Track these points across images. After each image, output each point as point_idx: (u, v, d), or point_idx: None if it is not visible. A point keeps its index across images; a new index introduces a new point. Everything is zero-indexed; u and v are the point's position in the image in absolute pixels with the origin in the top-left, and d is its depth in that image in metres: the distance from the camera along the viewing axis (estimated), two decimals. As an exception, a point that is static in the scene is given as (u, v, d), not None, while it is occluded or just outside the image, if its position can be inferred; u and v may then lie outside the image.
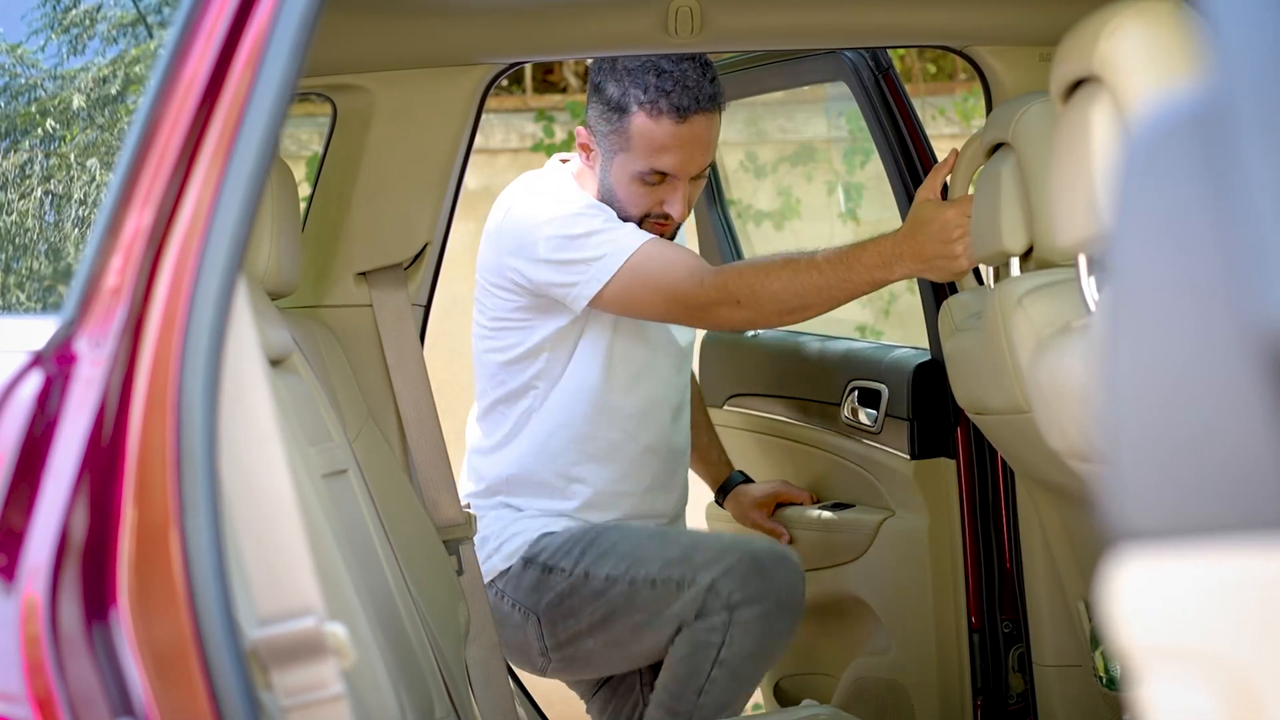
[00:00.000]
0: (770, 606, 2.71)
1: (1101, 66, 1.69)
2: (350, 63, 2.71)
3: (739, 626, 2.70)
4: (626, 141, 2.77)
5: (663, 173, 2.76)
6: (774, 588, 2.72)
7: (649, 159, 2.75)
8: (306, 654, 1.32)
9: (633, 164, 2.77)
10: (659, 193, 2.78)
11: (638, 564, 2.77)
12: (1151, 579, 0.82)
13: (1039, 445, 2.06)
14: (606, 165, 2.80)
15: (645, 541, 2.82)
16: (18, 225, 1.69)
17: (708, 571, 2.72)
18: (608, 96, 2.78)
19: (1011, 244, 2.28)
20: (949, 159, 2.59)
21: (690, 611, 2.72)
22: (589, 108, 2.83)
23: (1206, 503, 0.82)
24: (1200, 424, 0.83)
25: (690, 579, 2.72)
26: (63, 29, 1.73)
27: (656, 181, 2.77)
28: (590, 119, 2.83)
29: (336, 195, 2.81)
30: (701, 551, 2.77)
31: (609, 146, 2.79)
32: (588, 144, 2.83)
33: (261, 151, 1.37)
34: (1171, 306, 0.85)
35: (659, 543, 2.81)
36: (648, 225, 2.79)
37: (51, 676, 1.29)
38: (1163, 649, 0.82)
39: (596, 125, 2.80)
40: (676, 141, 2.76)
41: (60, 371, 1.37)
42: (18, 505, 1.33)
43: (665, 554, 2.77)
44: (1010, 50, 2.79)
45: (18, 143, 1.74)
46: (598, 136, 2.80)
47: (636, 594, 2.76)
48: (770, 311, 2.65)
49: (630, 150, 2.76)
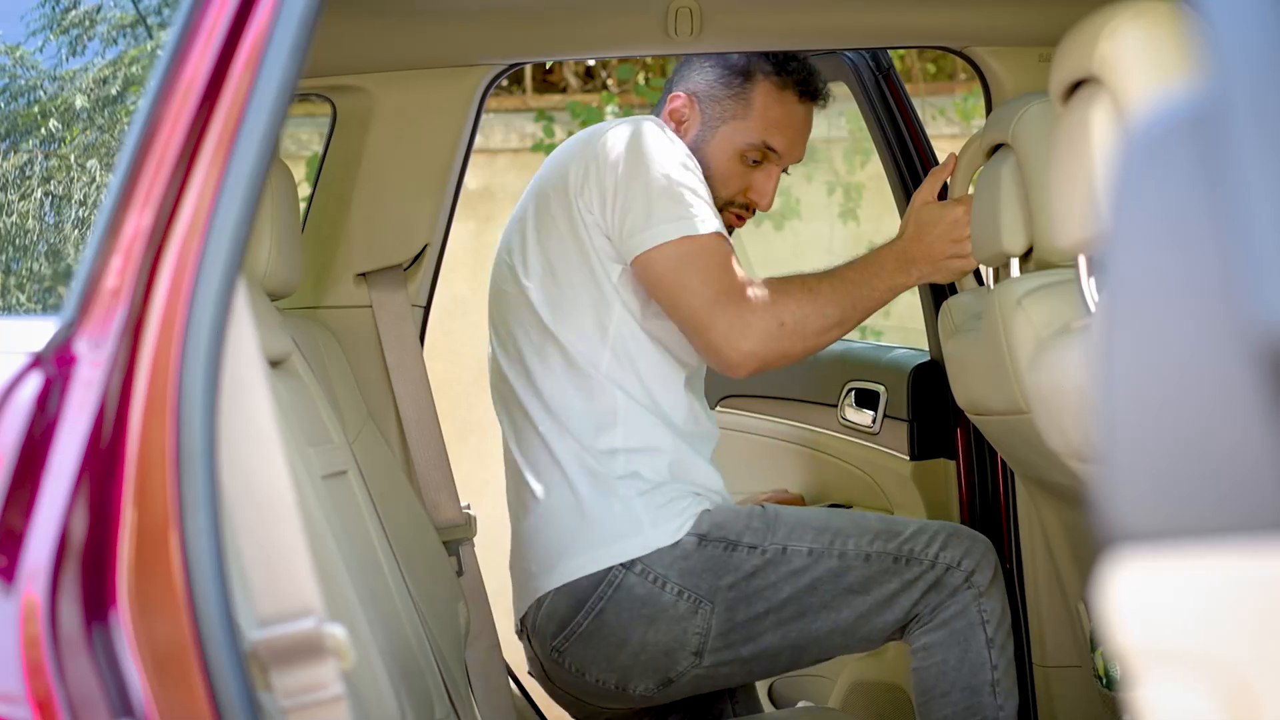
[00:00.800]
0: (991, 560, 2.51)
1: (1101, 67, 1.69)
2: (350, 64, 2.71)
3: (987, 597, 2.48)
4: (745, 108, 2.62)
5: (770, 150, 2.62)
6: (980, 541, 2.53)
7: (763, 131, 2.62)
8: (306, 655, 1.32)
9: (744, 134, 2.62)
10: (753, 176, 2.64)
11: (840, 536, 2.49)
12: (1149, 581, 0.82)
13: (1038, 446, 2.06)
14: (708, 133, 2.62)
15: (830, 517, 2.55)
16: (18, 226, 1.69)
17: (924, 543, 2.49)
18: (731, 61, 2.64)
19: (1011, 245, 2.28)
20: (948, 162, 2.57)
21: (916, 596, 2.48)
22: (699, 72, 2.66)
23: (1203, 504, 0.82)
24: (1197, 425, 0.83)
25: (909, 552, 2.48)
26: (62, 30, 1.73)
27: (758, 161, 2.63)
28: (700, 84, 2.65)
29: (336, 196, 2.81)
30: (898, 524, 2.54)
31: (719, 114, 2.62)
32: (683, 110, 2.64)
33: (261, 152, 1.37)
34: (1169, 308, 0.85)
35: (846, 518, 2.55)
36: (728, 215, 2.62)
37: (51, 677, 1.29)
38: (1161, 650, 0.82)
39: (710, 90, 2.64)
40: (792, 120, 2.65)
41: (60, 373, 1.37)
42: (17, 506, 1.33)
43: (864, 525, 2.52)
44: (1010, 51, 2.79)
45: (18, 144, 1.74)
46: (706, 102, 2.63)
47: (848, 569, 2.47)
48: (812, 331, 2.47)
49: (746, 119, 2.62)
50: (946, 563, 2.47)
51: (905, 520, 2.55)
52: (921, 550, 2.47)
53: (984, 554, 2.50)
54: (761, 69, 2.62)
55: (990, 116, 2.49)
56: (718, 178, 2.60)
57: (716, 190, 2.58)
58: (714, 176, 2.59)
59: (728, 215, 2.62)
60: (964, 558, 2.48)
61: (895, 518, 2.58)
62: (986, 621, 2.46)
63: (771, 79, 2.62)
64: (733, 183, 2.62)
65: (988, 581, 2.48)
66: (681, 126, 2.63)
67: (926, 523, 2.54)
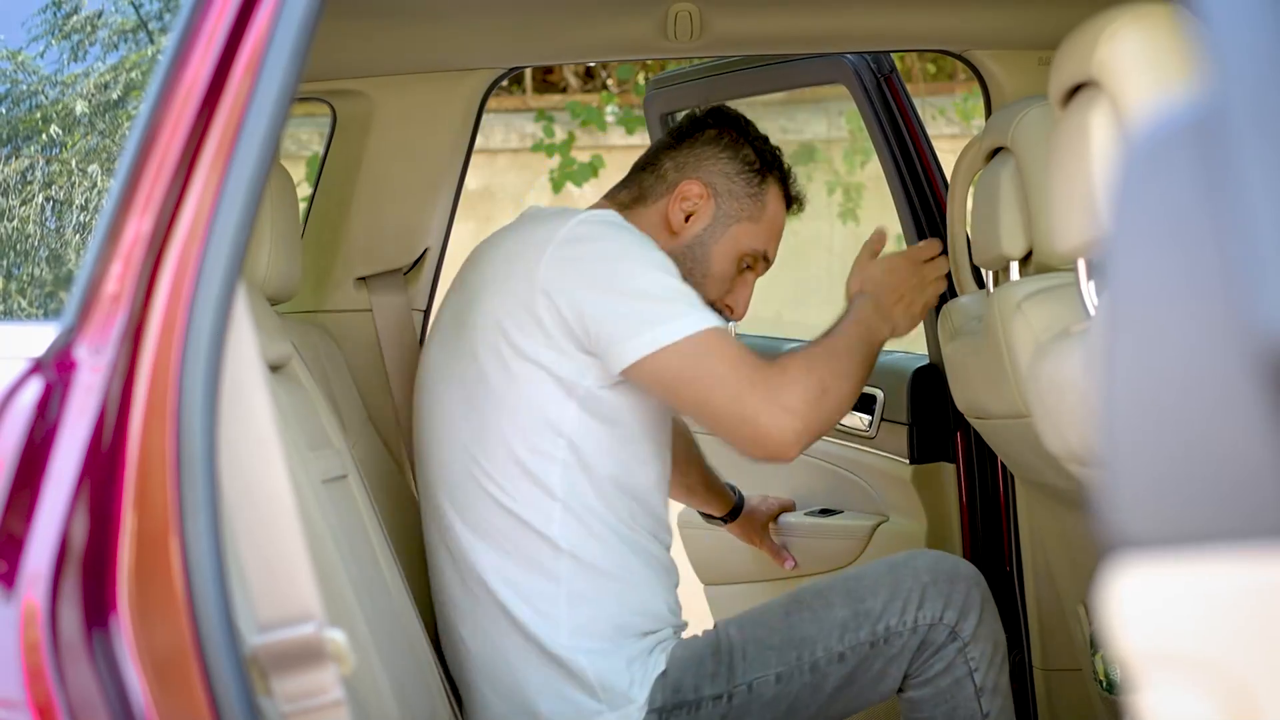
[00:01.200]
0: (976, 597, 2.34)
1: (1100, 71, 1.69)
2: (349, 68, 2.71)
3: (975, 642, 2.32)
4: (759, 211, 2.47)
5: (765, 260, 2.49)
6: (961, 576, 2.35)
7: (768, 238, 2.48)
8: (306, 660, 1.32)
9: (752, 239, 2.46)
10: (738, 282, 2.48)
11: (807, 646, 2.30)
12: (1149, 586, 0.82)
13: (1038, 450, 2.06)
14: (719, 231, 2.44)
15: (780, 618, 2.33)
16: (19, 231, 1.69)
17: (898, 612, 2.31)
18: (748, 157, 2.48)
19: (1011, 248, 2.28)
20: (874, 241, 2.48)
21: (905, 663, 2.31)
22: (713, 162, 2.47)
23: (1203, 510, 0.82)
24: (1197, 431, 0.83)
25: (885, 631, 2.30)
26: (63, 35, 1.73)
27: (748, 267, 2.47)
28: (718, 176, 2.45)
29: (336, 200, 2.81)
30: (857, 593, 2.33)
31: (734, 212, 2.45)
32: (698, 202, 2.44)
33: (261, 157, 1.37)
34: (1169, 313, 0.85)
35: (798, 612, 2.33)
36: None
37: (51, 683, 1.29)
38: (1161, 656, 0.82)
39: (730, 185, 2.45)
40: (781, 232, 2.53)
41: (60, 378, 1.37)
42: (18, 512, 1.33)
43: (823, 619, 2.31)
44: (1009, 54, 2.79)
45: (19, 149, 1.74)
46: (724, 198, 2.45)
47: (825, 678, 2.29)
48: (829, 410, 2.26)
49: (758, 222, 2.46)
50: (928, 621, 2.31)
51: (873, 584, 2.33)
52: (898, 622, 2.30)
53: (968, 592, 2.33)
54: (773, 172, 2.49)
55: (989, 120, 2.49)
56: (714, 278, 2.43)
57: (707, 290, 2.40)
58: (711, 276, 2.42)
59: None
60: (945, 609, 2.31)
61: (862, 583, 2.34)
62: (975, 670, 2.32)
63: (780, 184, 2.50)
64: (724, 285, 2.45)
65: (974, 625, 2.32)
66: (689, 218, 2.43)
67: (898, 577, 2.32)
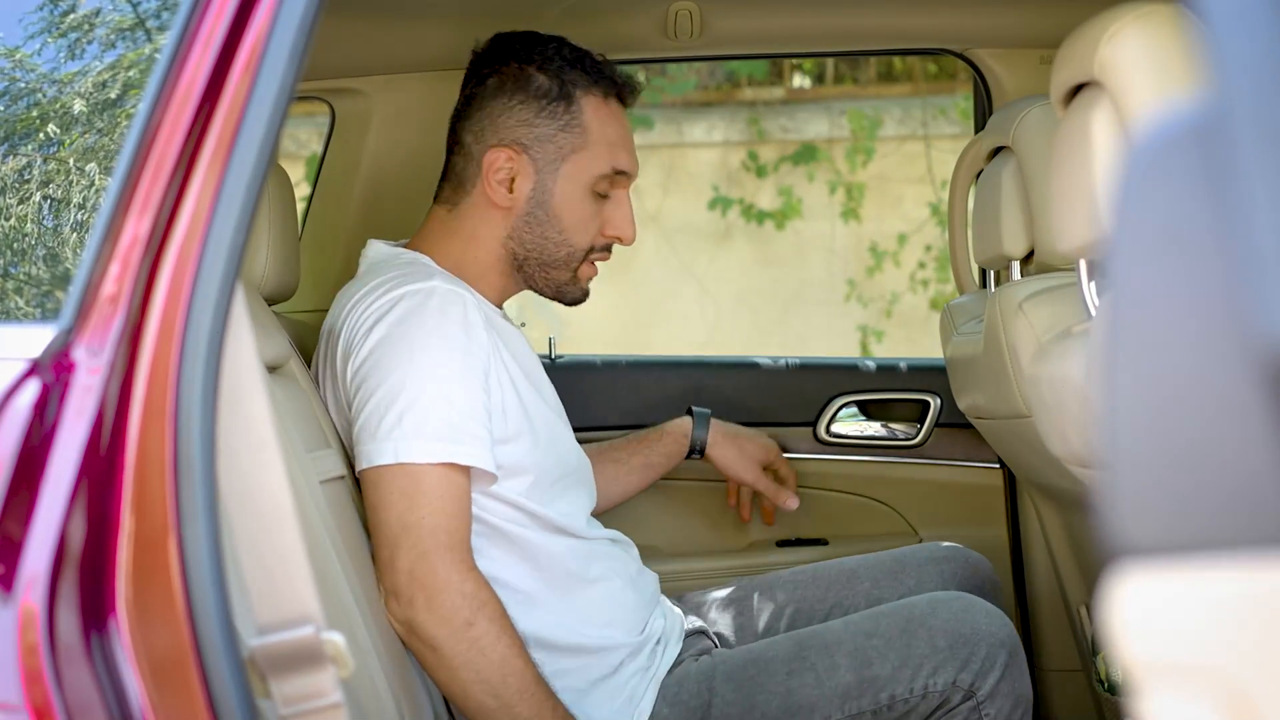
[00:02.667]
0: (998, 657, 2.14)
1: (1102, 71, 1.68)
2: (348, 66, 2.71)
3: (994, 699, 2.14)
4: (582, 137, 2.21)
5: (620, 173, 2.24)
6: (982, 637, 2.15)
7: (610, 155, 2.22)
8: (305, 662, 1.32)
9: (590, 167, 2.21)
10: (606, 210, 2.24)
11: (803, 714, 2.13)
12: (1150, 593, 0.82)
13: (1040, 450, 2.05)
14: (549, 181, 2.21)
15: (781, 679, 2.15)
16: (16, 231, 1.69)
17: (907, 680, 2.14)
18: (541, 89, 2.21)
19: (1012, 248, 2.28)
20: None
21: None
22: (506, 115, 2.22)
23: (1204, 517, 0.82)
24: (1198, 437, 0.82)
25: (889, 700, 2.13)
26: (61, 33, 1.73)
27: (606, 191, 2.24)
28: (519, 129, 2.21)
29: (335, 199, 2.81)
30: (865, 655, 2.15)
31: (555, 153, 2.20)
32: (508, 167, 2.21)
33: (260, 157, 1.37)
34: (1170, 318, 0.84)
35: (800, 673, 2.15)
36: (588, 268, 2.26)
37: (49, 686, 1.28)
38: (1163, 663, 0.82)
39: (535, 130, 2.20)
40: (626, 130, 2.26)
41: (58, 379, 1.37)
42: (15, 514, 1.32)
43: (826, 684, 2.13)
44: (1010, 53, 2.79)
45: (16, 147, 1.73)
46: (535, 147, 2.20)
47: None
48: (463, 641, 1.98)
49: (587, 148, 2.21)
50: (940, 688, 2.13)
51: (884, 647, 2.15)
52: (905, 690, 2.13)
53: (988, 653, 2.14)
54: (578, 83, 2.22)
55: (991, 119, 2.49)
56: (574, 226, 2.21)
57: (576, 239, 2.21)
58: (569, 227, 2.21)
59: (588, 267, 2.27)
60: (960, 672, 2.13)
61: (872, 642, 2.17)
62: None
63: (593, 92, 2.22)
64: (591, 223, 2.23)
65: (994, 683, 2.13)
66: (512, 186, 2.21)
67: (911, 639, 2.15)
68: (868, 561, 2.49)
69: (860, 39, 2.87)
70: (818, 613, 2.43)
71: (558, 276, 2.24)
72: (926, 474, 2.99)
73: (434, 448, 1.99)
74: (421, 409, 1.99)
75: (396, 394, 2.00)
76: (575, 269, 2.24)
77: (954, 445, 2.97)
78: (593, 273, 2.27)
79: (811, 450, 3.01)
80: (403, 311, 2.05)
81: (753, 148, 7.35)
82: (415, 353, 2.02)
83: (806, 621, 2.42)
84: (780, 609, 2.45)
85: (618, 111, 2.25)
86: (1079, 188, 1.73)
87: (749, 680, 2.16)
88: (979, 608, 2.19)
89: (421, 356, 2.02)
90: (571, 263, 2.23)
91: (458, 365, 2.03)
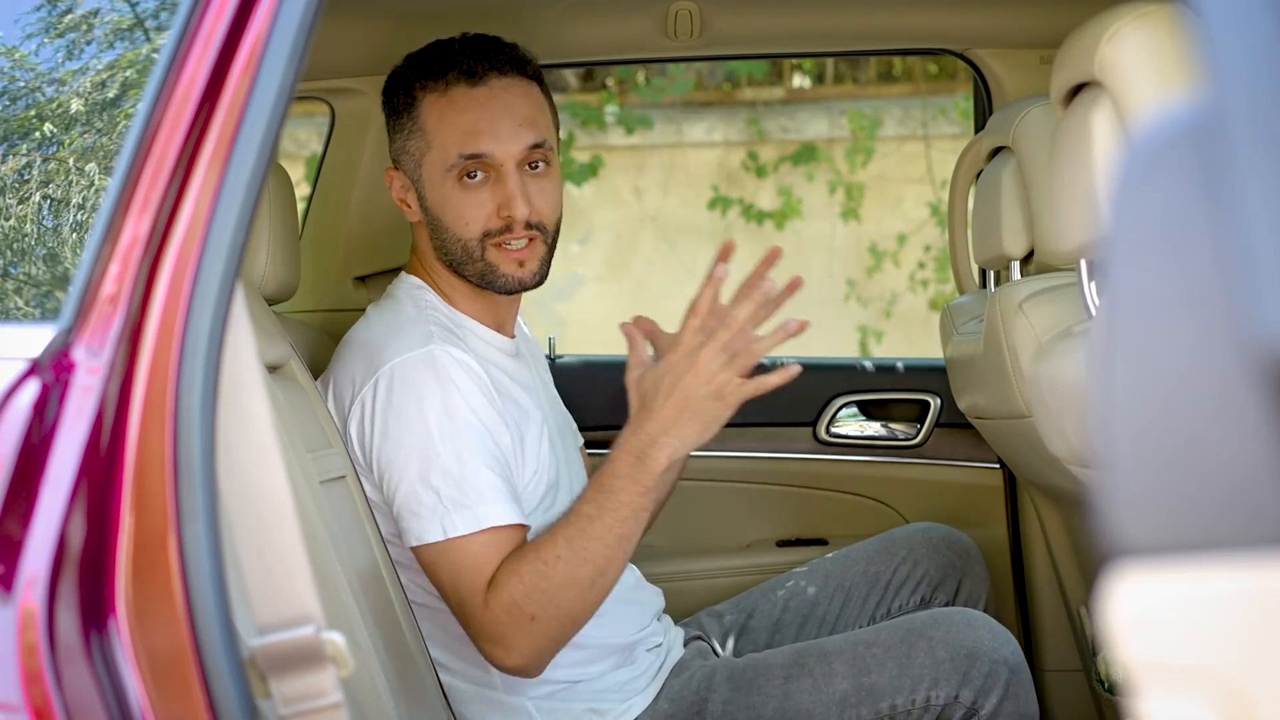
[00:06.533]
0: (1000, 674, 2.15)
1: (1102, 71, 1.68)
2: (348, 66, 2.71)
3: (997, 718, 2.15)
4: (427, 138, 2.20)
5: (475, 156, 2.17)
6: (983, 653, 2.15)
7: (456, 143, 2.17)
8: (305, 663, 1.32)
9: (441, 160, 2.18)
10: (487, 195, 2.18)
11: (801, 719, 2.14)
12: (1147, 594, 0.82)
13: (1040, 450, 2.05)
14: (420, 188, 2.22)
15: (779, 683, 2.18)
16: (15, 231, 1.69)
17: (907, 692, 2.15)
18: (395, 103, 2.24)
19: (1012, 248, 2.28)
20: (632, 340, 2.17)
21: None
22: (390, 141, 2.28)
23: (1202, 516, 0.82)
24: (1195, 437, 0.82)
25: (889, 708, 2.15)
26: (59, 33, 1.73)
27: (474, 174, 2.17)
28: (393, 150, 2.27)
29: (335, 200, 2.81)
30: (863, 663, 2.17)
31: (412, 161, 2.22)
32: (399, 189, 2.26)
33: (260, 157, 1.37)
34: (1167, 319, 0.84)
35: (798, 678, 2.17)
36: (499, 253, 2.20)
37: (49, 686, 1.28)
38: (1160, 663, 0.82)
39: (398, 146, 2.25)
40: (478, 109, 2.18)
41: (58, 379, 1.37)
42: (15, 514, 1.32)
43: (823, 691, 2.15)
44: (1011, 53, 2.79)
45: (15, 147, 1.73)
46: (401, 160, 2.24)
47: None
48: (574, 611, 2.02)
49: (432, 146, 2.19)
50: (940, 701, 2.14)
51: (883, 656, 2.17)
52: (905, 701, 2.13)
53: (990, 669, 2.15)
54: (423, 85, 2.20)
55: (991, 120, 2.49)
56: (455, 221, 2.19)
57: (463, 232, 2.18)
58: (451, 223, 2.19)
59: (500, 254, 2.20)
60: (961, 688, 2.13)
61: (871, 650, 2.18)
62: None
63: (433, 87, 2.20)
64: (472, 212, 2.18)
65: (996, 702, 2.14)
66: (406, 203, 2.26)
67: (910, 650, 2.16)
68: (857, 547, 2.57)
69: (860, 39, 2.87)
70: (820, 598, 2.47)
71: (473, 270, 2.22)
72: (926, 474, 3.00)
73: (467, 517, 2.04)
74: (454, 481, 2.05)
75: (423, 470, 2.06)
76: (482, 258, 2.20)
77: (954, 445, 2.98)
78: (509, 256, 2.20)
79: (811, 450, 3.02)
80: (390, 387, 2.10)
81: (752, 148, 7.35)
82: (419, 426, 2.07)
83: (810, 608, 2.45)
84: (784, 601, 2.50)
85: (463, 96, 2.19)
86: (1079, 188, 1.73)
87: (747, 683, 2.17)
88: (982, 624, 2.20)
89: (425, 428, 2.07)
90: (473, 254, 2.20)
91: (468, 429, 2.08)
